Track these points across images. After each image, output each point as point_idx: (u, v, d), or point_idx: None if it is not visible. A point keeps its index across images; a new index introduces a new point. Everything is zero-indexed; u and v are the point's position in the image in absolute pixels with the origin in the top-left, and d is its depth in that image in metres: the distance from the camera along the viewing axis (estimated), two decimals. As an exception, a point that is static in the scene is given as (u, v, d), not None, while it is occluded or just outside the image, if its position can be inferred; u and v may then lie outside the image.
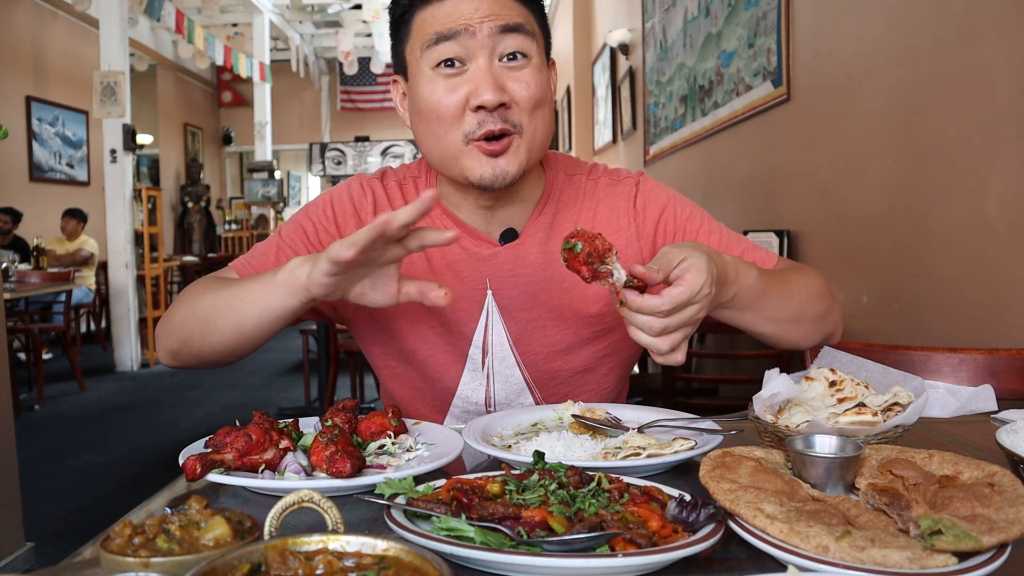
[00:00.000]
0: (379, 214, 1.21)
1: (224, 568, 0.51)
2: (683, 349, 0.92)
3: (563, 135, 8.48)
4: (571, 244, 0.88)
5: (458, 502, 0.68)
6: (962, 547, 0.59)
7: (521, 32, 1.07)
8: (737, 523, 0.66)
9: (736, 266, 1.01)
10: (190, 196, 12.39)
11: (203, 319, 1.09)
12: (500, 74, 1.06)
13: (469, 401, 1.24)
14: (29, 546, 2.75)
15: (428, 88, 1.08)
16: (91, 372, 6.69)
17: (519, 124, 1.08)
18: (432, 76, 1.07)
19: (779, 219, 3.01)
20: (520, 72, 1.07)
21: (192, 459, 0.82)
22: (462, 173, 1.10)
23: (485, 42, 1.05)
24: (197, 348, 1.12)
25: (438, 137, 1.09)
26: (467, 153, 1.08)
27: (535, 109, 1.09)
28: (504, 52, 1.06)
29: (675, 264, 0.91)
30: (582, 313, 1.21)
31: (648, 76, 5.10)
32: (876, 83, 2.22)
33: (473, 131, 1.06)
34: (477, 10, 1.05)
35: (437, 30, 1.05)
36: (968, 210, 1.82)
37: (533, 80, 1.08)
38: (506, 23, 1.05)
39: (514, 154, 1.08)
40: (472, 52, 1.05)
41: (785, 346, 1.18)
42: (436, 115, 1.08)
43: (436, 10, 1.06)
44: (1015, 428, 0.87)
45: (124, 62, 6.88)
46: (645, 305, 0.88)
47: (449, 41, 1.05)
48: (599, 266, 0.87)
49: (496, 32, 1.05)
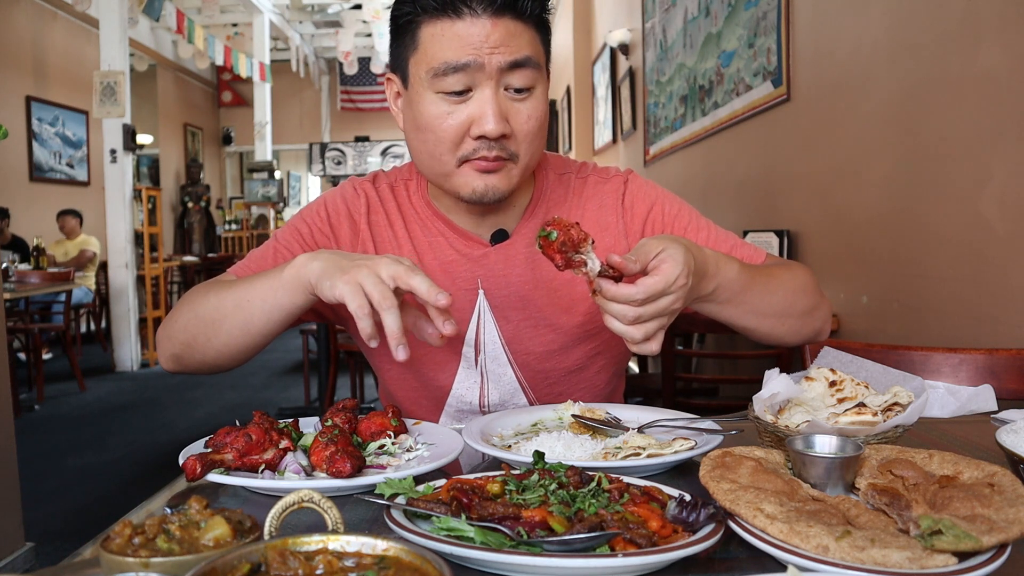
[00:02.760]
0: (372, 215, 1.23)
1: (224, 568, 0.51)
2: (658, 339, 0.93)
3: (563, 135, 8.47)
4: (546, 232, 0.88)
5: (458, 502, 0.68)
6: (962, 547, 0.59)
7: (529, 66, 1.06)
8: (737, 523, 0.66)
9: (717, 260, 1.02)
10: (190, 196, 12.39)
11: (208, 321, 1.08)
12: (504, 105, 1.06)
13: (463, 400, 1.24)
14: (29, 546, 2.75)
15: (430, 109, 1.07)
16: (91, 372, 6.69)
17: (515, 153, 1.09)
18: (436, 99, 1.07)
19: (779, 219, 3.01)
20: (523, 104, 1.07)
21: (192, 459, 0.82)
22: (453, 189, 1.12)
23: (493, 74, 1.04)
24: (202, 351, 1.11)
25: (434, 155, 1.10)
26: (460, 173, 1.09)
27: (535, 138, 1.10)
28: (511, 85, 1.06)
29: (652, 255, 0.91)
30: (572, 312, 1.22)
31: (648, 76, 5.10)
32: (876, 83, 2.22)
33: (469, 155, 1.07)
34: (488, 38, 1.03)
35: (447, 59, 1.04)
36: (968, 210, 1.82)
37: (535, 113, 1.08)
38: (515, 59, 1.04)
39: (506, 175, 1.10)
40: (478, 81, 1.05)
41: (771, 341, 1.18)
42: (436, 136, 1.08)
43: (446, 28, 1.04)
44: (1015, 428, 0.87)
45: (124, 62, 6.88)
46: (619, 294, 0.89)
47: (458, 73, 1.04)
48: (572, 255, 0.88)
49: (505, 67, 1.04)
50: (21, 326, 5.84)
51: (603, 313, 0.92)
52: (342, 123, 14.94)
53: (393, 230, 1.23)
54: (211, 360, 1.12)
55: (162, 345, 1.16)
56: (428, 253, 1.21)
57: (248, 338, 1.08)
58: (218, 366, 1.14)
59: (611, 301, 0.90)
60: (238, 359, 1.13)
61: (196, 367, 1.15)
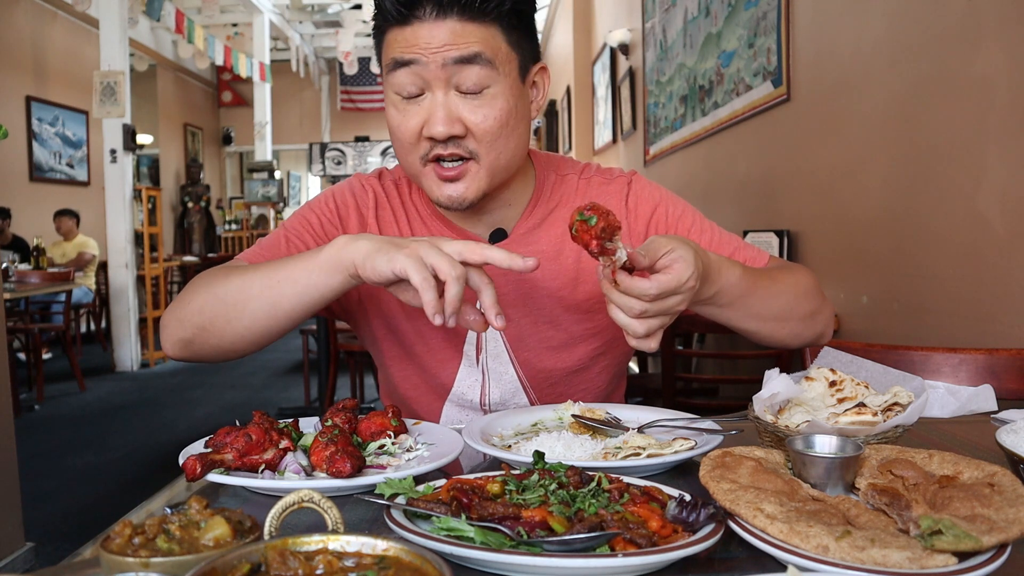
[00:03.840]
0: (380, 211, 1.24)
1: (224, 568, 0.51)
2: (657, 337, 0.93)
3: (563, 135, 8.47)
4: (586, 216, 0.85)
5: (458, 502, 0.68)
6: (962, 547, 0.59)
7: (477, 63, 1.04)
8: (737, 523, 0.66)
9: (720, 264, 1.02)
10: (190, 196, 12.39)
11: (230, 303, 1.04)
12: (456, 105, 1.06)
13: (465, 399, 1.25)
14: (29, 546, 2.75)
15: (391, 110, 1.10)
16: (91, 372, 6.69)
17: (475, 152, 1.08)
18: (394, 100, 1.09)
19: (779, 219, 3.01)
20: (478, 102, 1.06)
21: (192, 459, 0.82)
22: (427, 191, 1.13)
23: (438, 73, 1.04)
24: (219, 335, 1.06)
25: (401, 156, 1.13)
26: (426, 174, 1.11)
27: (496, 137, 1.08)
28: (460, 85, 1.05)
29: (661, 253, 0.91)
30: (573, 311, 1.22)
31: (648, 76, 5.10)
32: (876, 83, 2.22)
33: (426, 155, 1.08)
34: (433, 39, 1.03)
35: (394, 56, 1.06)
36: (968, 210, 1.82)
37: (492, 111, 1.06)
38: (460, 55, 1.03)
39: (472, 179, 1.09)
40: (428, 82, 1.05)
41: (772, 344, 1.18)
42: (396, 138, 1.11)
43: (399, 34, 1.06)
44: (1015, 428, 0.87)
45: (124, 62, 6.89)
46: (634, 287, 0.88)
47: (404, 68, 1.05)
48: (607, 242, 0.86)
49: (450, 63, 1.04)
50: (21, 326, 5.84)
51: (608, 302, 0.92)
52: (342, 123, 14.94)
53: (399, 226, 1.24)
54: (227, 345, 1.07)
55: (170, 329, 1.09)
56: None
57: (273, 321, 1.04)
58: (233, 351, 1.09)
59: (624, 293, 0.89)
60: (259, 343, 1.08)
61: (207, 354, 1.10)
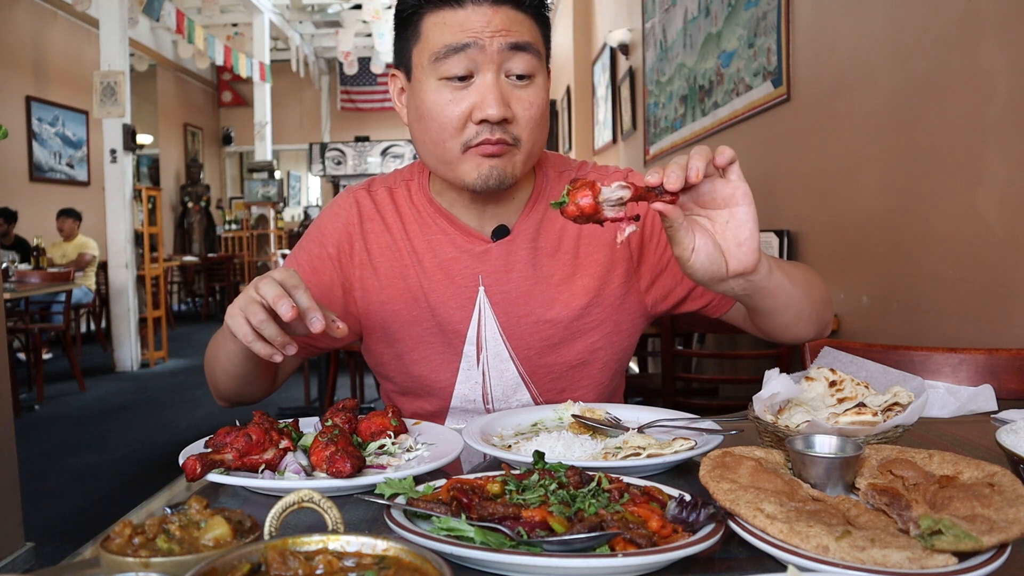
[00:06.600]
0: (365, 224, 1.24)
1: (224, 568, 0.51)
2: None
3: (563, 135, 8.47)
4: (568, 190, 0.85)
5: (458, 502, 0.68)
6: (962, 547, 0.59)
7: (529, 52, 1.08)
8: (737, 523, 0.66)
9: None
10: (190, 196, 12.39)
11: (209, 371, 1.21)
12: (506, 90, 1.08)
13: (467, 399, 1.25)
14: (29, 546, 2.75)
15: (433, 96, 1.09)
16: (91, 372, 6.69)
17: (518, 138, 1.10)
18: (438, 86, 1.08)
19: (779, 219, 3.01)
20: (525, 91, 1.09)
21: (192, 459, 0.82)
22: (458, 177, 1.12)
23: (494, 57, 1.06)
24: (224, 392, 1.20)
25: (437, 143, 1.11)
26: (465, 160, 1.10)
27: (536, 125, 1.11)
28: (511, 71, 1.08)
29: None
30: (571, 306, 1.22)
31: (648, 76, 5.10)
32: (875, 83, 2.22)
33: (472, 140, 1.08)
34: (490, 23, 1.05)
35: (447, 42, 1.06)
36: (968, 210, 1.82)
37: (536, 100, 1.10)
38: (516, 41, 1.06)
39: (510, 160, 1.11)
40: (480, 65, 1.06)
41: (788, 333, 1.17)
42: (439, 123, 1.09)
43: (448, 17, 1.06)
44: (1015, 428, 0.87)
45: (124, 62, 6.88)
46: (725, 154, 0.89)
47: (459, 54, 1.06)
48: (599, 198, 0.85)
49: (506, 48, 1.06)
50: (21, 326, 5.84)
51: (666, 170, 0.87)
52: (342, 123, 14.94)
53: (391, 234, 1.24)
54: (238, 398, 1.21)
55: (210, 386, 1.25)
56: (427, 254, 1.22)
57: (236, 382, 1.16)
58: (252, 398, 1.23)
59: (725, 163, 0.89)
60: (249, 398, 1.22)
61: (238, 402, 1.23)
